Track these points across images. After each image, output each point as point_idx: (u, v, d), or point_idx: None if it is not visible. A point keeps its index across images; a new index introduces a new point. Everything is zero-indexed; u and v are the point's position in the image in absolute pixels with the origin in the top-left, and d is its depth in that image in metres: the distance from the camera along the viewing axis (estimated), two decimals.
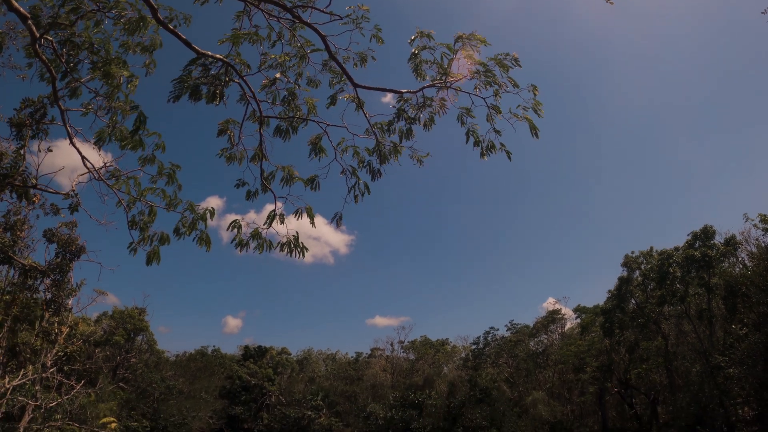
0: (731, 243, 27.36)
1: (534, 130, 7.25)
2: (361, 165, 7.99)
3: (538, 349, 56.56)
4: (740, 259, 28.72)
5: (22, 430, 23.59)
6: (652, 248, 35.76)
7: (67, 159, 11.11)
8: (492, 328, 71.06)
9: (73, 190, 9.80)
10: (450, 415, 55.20)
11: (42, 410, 24.61)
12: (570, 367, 46.28)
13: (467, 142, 7.63)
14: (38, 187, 10.36)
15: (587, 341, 44.68)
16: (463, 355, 72.82)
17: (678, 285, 31.45)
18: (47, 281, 20.73)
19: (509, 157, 7.62)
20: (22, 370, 24.33)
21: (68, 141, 8.32)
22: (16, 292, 20.08)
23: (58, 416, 25.27)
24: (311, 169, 7.91)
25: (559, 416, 45.11)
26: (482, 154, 7.62)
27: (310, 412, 70.32)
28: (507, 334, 63.20)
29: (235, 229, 7.86)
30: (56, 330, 28.68)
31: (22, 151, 9.80)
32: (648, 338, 37.82)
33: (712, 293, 29.05)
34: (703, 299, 30.64)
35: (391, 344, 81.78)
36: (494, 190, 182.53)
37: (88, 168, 8.40)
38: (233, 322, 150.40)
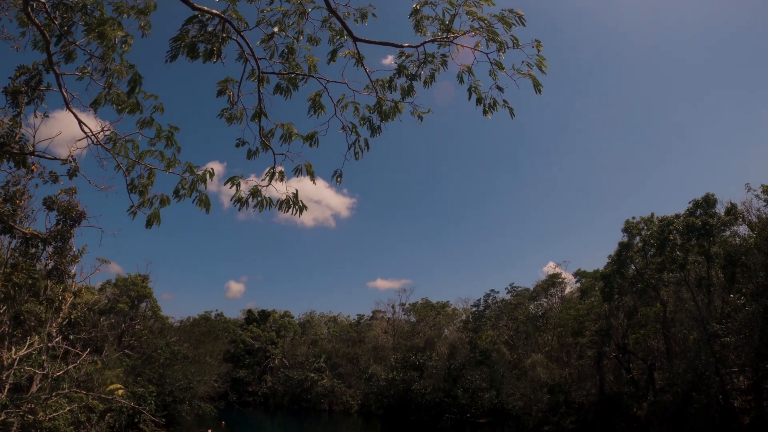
0: (732, 212, 27.28)
1: (537, 86, 7.16)
2: (362, 122, 7.93)
3: (538, 313, 57.09)
4: (740, 230, 28.72)
5: (30, 399, 24.09)
6: (653, 214, 35.76)
7: (65, 129, 11.04)
8: (492, 290, 71.78)
9: (71, 156, 9.77)
10: (450, 377, 56.15)
11: (49, 379, 25.08)
12: (569, 330, 46.78)
13: (469, 99, 7.54)
14: (36, 154, 10.35)
15: (586, 305, 45.04)
16: (463, 317, 73.63)
17: (678, 252, 31.51)
18: (49, 249, 20.77)
19: (512, 114, 7.53)
20: (28, 338, 24.66)
21: (65, 108, 8.26)
22: (18, 260, 20.18)
23: (65, 385, 25.73)
24: (311, 128, 7.87)
25: (558, 379, 45.84)
26: (485, 112, 7.51)
27: (312, 374, 71.67)
28: (507, 297, 63.86)
29: (235, 187, 7.83)
30: (60, 297, 28.97)
31: (18, 119, 9.77)
32: (647, 304, 38.11)
33: (711, 262, 29.13)
34: (703, 267, 30.75)
35: (393, 307, 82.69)
36: (495, 153, 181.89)
37: (85, 132, 8.36)
38: (236, 287, 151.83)
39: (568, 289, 58.81)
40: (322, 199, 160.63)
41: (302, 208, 7.88)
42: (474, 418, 54.36)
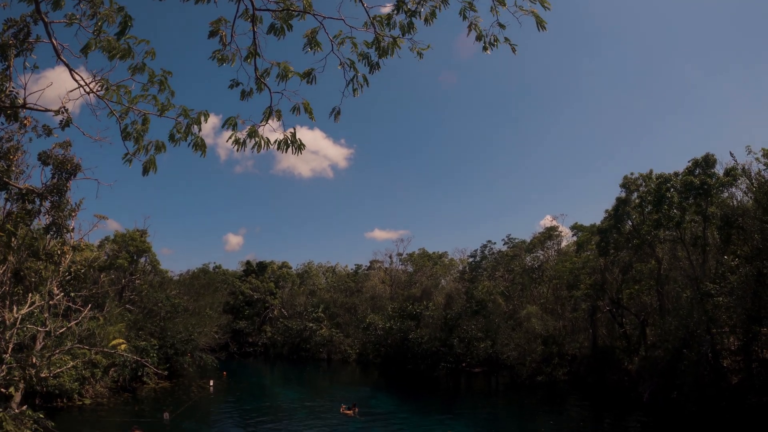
0: (731, 174, 27.14)
1: (541, 23, 6.99)
2: (359, 58, 7.77)
3: (534, 265, 57.56)
4: (738, 192, 28.60)
5: (34, 357, 24.56)
6: (651, 171, 35.56)
7: (56, 87, 10.95)
8: (489, 241, 72.08)
9: (63, 107, 9.66)
10: (446, 326, 56.91)
11: (52, 337, 25.49)
12: (564, 283, 47.36)
13: (468, 35, 7.38)
14: (27, 106, 10.23)
15: (582, 259, 45.45)
16: (460, 267, 74.28)
17: (675, 210, 31.54)
18: (46, 204, 20.71)
19: (514, 51, 7.36)
20: (30, 295, 24.90)
21: (56, 60, 8.10)
22: (15, 217, 20.16)
23: (68, 341, 26.15)
24: (307, 67, 7.69)
25: (552, 331, 46.60)
26: (485, 48, 7.37)
27: (311, 324, 72.88)
28: (504, 248, 64.18)
29: (231, 128, 7.75)
30: (59, 252, 29.07)
31: (7, 73, 9.64)
32: (642, 260, 38.45)
33: (707, 222, 29.17)
34: (699, 227, 30.83)
35: (390, 257, 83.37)
36: (495, 105, 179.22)
37: (76, 81, 8.22)
38: (234, 240, 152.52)
39: (564, 243, 59.22)
40: (319, 149, 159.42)
41: (300, 147, 7.77)
42: (469, 367, 55.63)
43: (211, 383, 42.55)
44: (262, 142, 7.63)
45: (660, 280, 36.30)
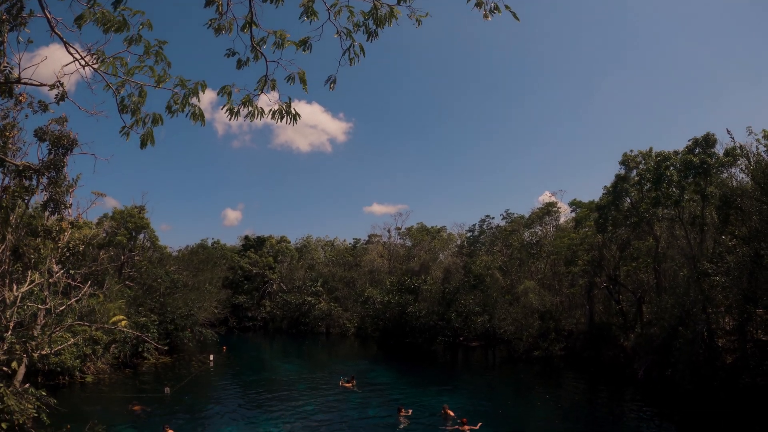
0: (731, 154, 27.01)
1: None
2: (356, 28, 7.71)
3: (532, 240, 57.63)
4: (738, 173, 28.48)
5: (35, 330, 24.72)
6: (651, 149, 35.34)
7: (50, 63, 10.76)
8: (488, 216, 72.21)
9: (59, 81, 9.60)
10: (444, 300, 57.21)
11: (52, 315, 25.62)
12: (562, 259, 47.50)
13: (468, 1, 7.32)
14: (22, 81, 10.14)
15: (580, 235, 45.51)
16: (458, 242, 74.45)
17: (673, 189, 31.48)
18: (43, 180, 20.62)
19: (516, 18, 7.31)
20: (29, 273, 24.96)
21: (51, 34, 8.02)
22: (11, 192, 20.09)
23: (69, 319, 26.31)
24: (303, 36, 7.63)
25: (549, 306, 46.87)
26: (485, 15, 7.31)
27: (310, 298, 73.28)
28: (502, 223, 64.29)
29: (227, 96, 7.73)
30: (57, 228, 29.05)
31: (1, 48, 9.53)
32: (639, 238, 38.51)
33: (706, 201, 29.10)
34: (697, 206, 30.78)
35: (388, 231, 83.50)
36: (494, 80, 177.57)
37: (71, 54, 8.14)
38: (233, 215, 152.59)
39: (562, 219, 59.30)
40: (317, 123, 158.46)
41: (296, 117, 7.75)
42: (466, 341, 56.17)
43: (211, 358, 42.98)
44: (256, 112, 7.62)
45: (657, 258, 36.41)
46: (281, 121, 7.62)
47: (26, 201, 21.58)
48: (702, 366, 25.71)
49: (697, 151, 29.60)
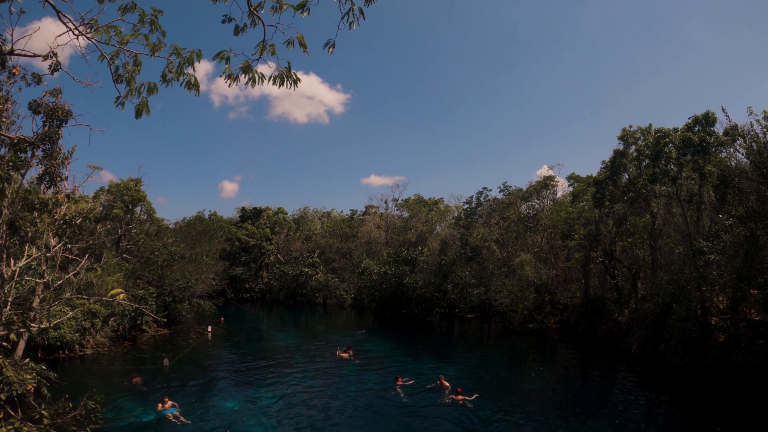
0: (731, 133, 26.84)
1: None
2: None
3: (529, 213, 57.75)
4: (737, 153, 28.33)
5: (36, 300, 24.81)
6: (650, 125, 35.16)
7: (44, 36, 10.59)
8: (485, 188, 72.10)
9: (52, 51, 9.50)
10: (441, 272, 57.52)
11: (51, 289, 25.68)
12: (558, 232, 47.64)
13: None
14: (15, 52, 10.03)
15: (577, 209, 45.57)
16: (455, 214, 74.54)
17: (672, 166, 31.42)
18: (38, 153, 20.52)
19: None
20: (26, 245, 24.95)
21: (42, 2, 7.91)
22: (6, 161, 19.96)
23: (67, 293, 26.39)
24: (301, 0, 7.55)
25: (544, 279, 47.19)
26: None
27: (307, 269, 73.57)
28: (500, 195, 64.27)
29: (225, 62, 7.69)
30: (53, 200, 28.96)
31: None
32: (636, 214, 38.57)
33: (704, 180, 29.04)
34: (695, 184, 30.73)
35: (386, 202, 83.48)
36: (493, 50, 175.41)
37: (64, 23, 8.06)
38: (230, 187, 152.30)
39: (560, 193, 59.32)
40: (315, 94, 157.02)
41: (296, 81, 7.73)
42: (462, 313, 56.70)
43: (209, 329, 43.34)
44: (256, 77, 7.55)
45: (654, 234, 36.55)
46: (281, 86, 7.59)
47: (22, 174, 21.44)
48: (694, 343, 26.05)
49: (696, 129, 29.42)
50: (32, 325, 23.59)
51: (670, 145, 31.45)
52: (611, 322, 37.50)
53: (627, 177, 37.08)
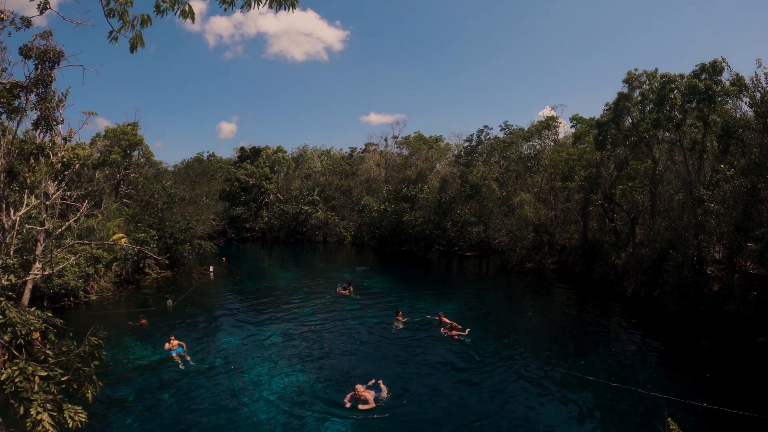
0: (738, 84, 26.14)
1: None
2: None
3: (530, 153, 57.29)
4: (742, 104, 27.70)
5: (39, 244, 25.01)
6: (656, 69, 34.27)
7: None
8: (486, 126, 71.25)
9: None
10: (440, 210, 57.79)
11: (52, 236, 25.83)
12: (559, 173, 47.44)
13: None
14: None
15: (579, 150, 45.22)
16: (455, 152, 74.05)
17: (676, 113, 30.86)
18: (32, 98, 20.24)
19: None
20: (26, 194, 24.90)
21: None
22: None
23: (68, 239, 26.56)
24: None
25: (544, 219, 47.44)
26: None
27: (307, 207, 73.82)
28: (501, 134, 63.55)
29: None
30: (50, 144, 28.68)
31: None
32: (638, 159, 38.24)
33: (708, 128, 28.58)
34: (698, 133, 30.25)
35: (385, 139, 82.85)
36: None
37: None
38: (228, 128, 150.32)
39: (561, 134, 58.60)
40: (313, 31, 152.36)
41: (294, 3, 7.66)
42: (461, 251, 57.37)
43: (211, 269, 43.97)
44: (252, 1, 7.37)
45: (654, 180, 36.40)
46: (279, 9, 7.46)
47: (17, 121, 21.11)
48: (689, 290, 26.45)
49: (703, 77, 28.67)
50: (35, 271, 23.93)
51: (676, 91, 30.77)
52: (608, 265, 37.95)
53: (630, 121, 36.54)
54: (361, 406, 15.10)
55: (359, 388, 15.77)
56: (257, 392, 16.85)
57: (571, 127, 52.57)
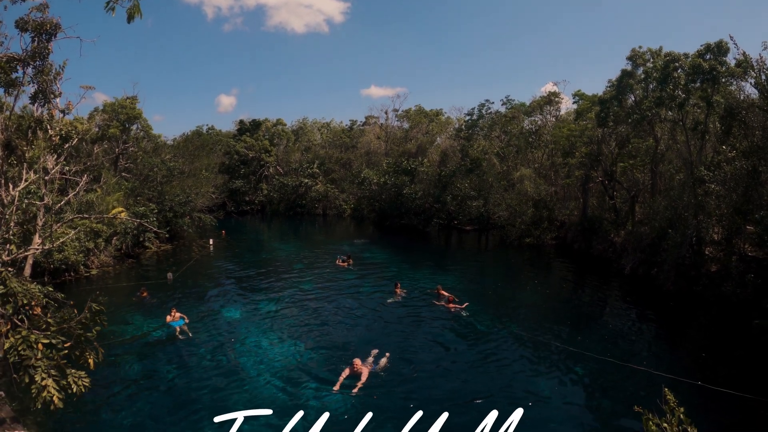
0: (743, 65, 25.80)
1: None
2: None
3: (532, 128, 56.94)
4: (746, 86, 27.42)
5: (38, 229, 25.07)
6: (661, 48, 33.82)
7: None
8: (487, 100, 70.59)
9: None
10: (440, 183, 57.81)
11: (52, 211, 25.84)
12: (560, 149, 47.29)
13: None
14: None
15: (580, 127, 45.01)
16: (456, 126, 73.60)
17: (679, 92, 30.58)
18: (29, 71, 20.11)
19: None
20: (24, 169, 24.83)
21: None
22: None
23: (68, 214, 26.57)
24: None
25: (543, 195, 47.38)
26: None
27: (306, 180, 73.68)
28: (502, 109, 63.03)
29: None
30: (48, 117, 28.48)
31: None
32: (639, 137, 38.06)
33: (711, 109, 28.35)
34: (701, 113, 30.02)
35: (386, 113, 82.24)
36: None
37: None
38: (227, 101, 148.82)
39: (563, 110, 58.14)
40: (313, 3, 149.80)
41: None
42: (461, 225, 57.50)
43: (211, 242, 44.14)
44: None
45: (655, 159, 36.28)
46: None
47: (14, 95, 20.98)
48: (687, 270, 26.57)
49: (708, 57, 28.33)
50: (35, 245, 24.00)
51: (680, 70, 30.46)
52: (607, 242, 38.06)
53: (633, 98, 36.26)
54: (359, 382, 15.30)
55: (357, 362, 15.95)
56: (257, 364, 17.09)
57: (574, 103, 52.23)
